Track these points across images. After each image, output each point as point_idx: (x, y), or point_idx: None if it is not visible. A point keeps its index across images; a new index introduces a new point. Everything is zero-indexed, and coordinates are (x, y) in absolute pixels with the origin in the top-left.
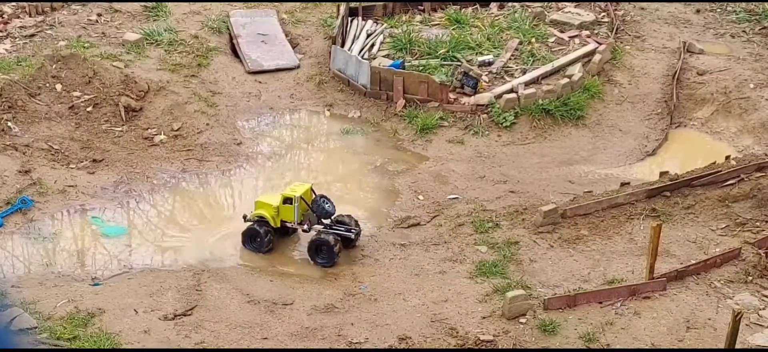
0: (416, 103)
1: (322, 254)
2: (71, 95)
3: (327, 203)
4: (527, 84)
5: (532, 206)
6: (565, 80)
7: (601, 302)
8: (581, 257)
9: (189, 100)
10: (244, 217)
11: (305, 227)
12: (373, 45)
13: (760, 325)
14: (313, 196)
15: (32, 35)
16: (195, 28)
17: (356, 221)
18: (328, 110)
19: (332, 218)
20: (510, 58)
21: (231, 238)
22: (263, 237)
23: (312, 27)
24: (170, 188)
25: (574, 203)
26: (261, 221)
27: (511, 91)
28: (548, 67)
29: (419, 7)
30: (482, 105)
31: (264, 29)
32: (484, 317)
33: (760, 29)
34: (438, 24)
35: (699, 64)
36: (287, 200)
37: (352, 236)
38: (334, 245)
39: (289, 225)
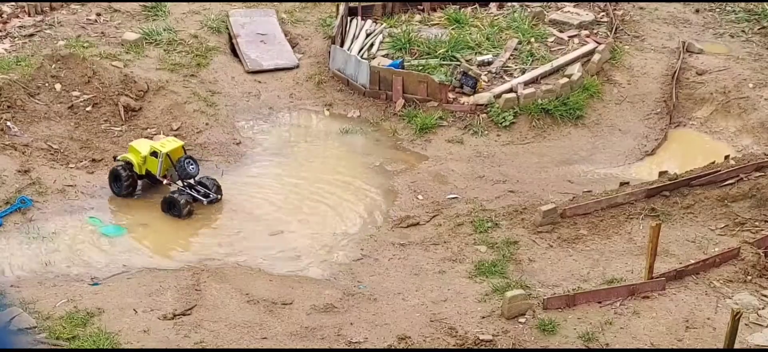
0: (415, 103)
1: (173, 210)
2: (70, 95)
3: (191, 166)
4: (526, 84)
5: (532, 206)
6: (565, 80)
7: (600, 302)
8: (580, 256)
9: (188, 99)
10: (115, 157)
11: (166, 181)
12: (372, 45)
13: (760, 324)
14: (183, 155)
15: (31, 35)
16: (194, 28)
17: (218, 187)
18: (328, 110)
19: (195, 179)
20: (509, 58)
21: (231, 236)
22: (124, 181)
23: (311, 27)
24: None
25: (574, 202)
26: (128, 165)
27: (511, 90)
28: (547, 67)
29: (418, 6)
30: (481, 105)
31: (263, 29)
32: (483, 317)
33: (759, 29)
34: (437, 24)
35: (698, 64)
36: (154, 153)
37: (204, 201)
38: (184, 205)
39: (153, 176)
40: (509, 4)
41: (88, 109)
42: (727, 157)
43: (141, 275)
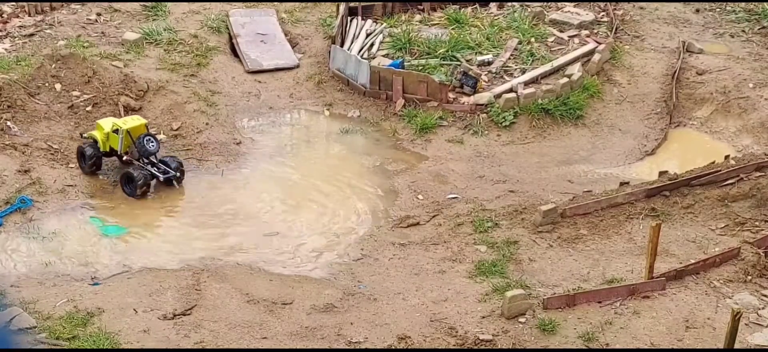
0: (416, 103)
1: (129, 185)
2: (71, 95)
3: (150, 143)
4: (526, 84)
5: (532, 206)
6: (565, 80)
7: (600, 302)
8: (580, 256)
9: (188, 99)
10: (81, 135)
11: (125, 158)
12: (372, 44)
13: (760, 324)
14: (145, 133)
15: (31, 35)
16: (194, 28)
17: (180, 167)
18: (328, 110)
19: (156, 157)
20: (509, 58)
21: (231, 236)
22: (88, 158)
23: (311, 26)
24: (170, 187)
25: (574, 202)
26: (94, 142)
27: (511, 90)
28: (547, 67)
29: (419, 6)
30: (481, 105)
31: (263, 29)
32: (483, 317)
33: (759, 29)
34: (437, 24)
35: (698, 64)
36: (116, 130)
37: (160, 178)
38: (139, 180)
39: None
40: (509, 4)
41: (88, 109)
42: (727, 157)
43: (141, 274)
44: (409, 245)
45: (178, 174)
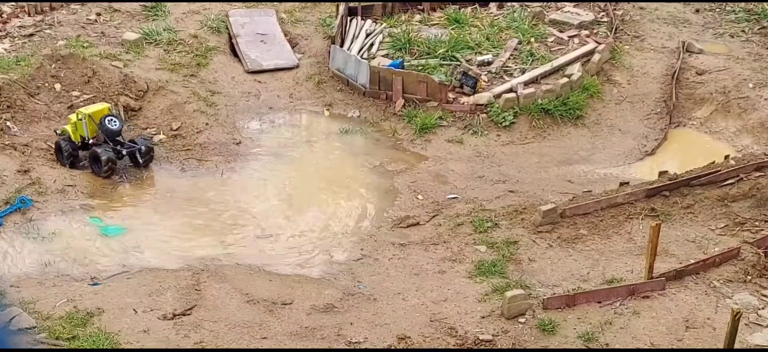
0: (415, 103)
1: (96, 165)
2: (70, 95)
3: (112, 123)
4: (526, 84)
5: (532, 206)
6: (564, 80)
7: (600, 302)
8: (580, 256)
9: (188, 99)
10: (55, 131)
11: (92, 142)
12: (372, 44)
13: (759, 324)
14: (107, 114)
15: (31, 35)
16: (194, 28)
17: (149, 148)
18: (328, 110)
19: (123, 136)
20: (509, 58)
21: (231, 236)
22: (64, 152)
23: (311, 26)
24: (169, 187)
25: (573, 202)
26: (68, 136)
27: (510, 90)
28: (547, 67)
29: (418, 6)
30: (481, 105)
31: (263, 29)
32: (483, 317)
33: (759, 29)
34: (437, 24)
35: (698, 64)
36: (80, 118)
37: (123, 154)
38: (105, 162)
39: (87, 141)
40: (509, 4)
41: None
42: (727, 157)
43: (141, 275)
44: (409, 245)
45: (142, 148)
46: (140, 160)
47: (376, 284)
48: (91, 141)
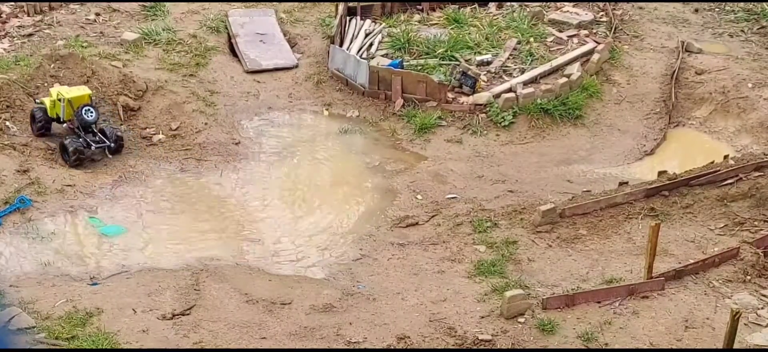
0: (415, 103)
1: (65, 154)
2: None
3: (89, 114)
4: (526, 83)
5: (531, 206)
6: (564, 80)
7: (599, 302)
8: (580, 256)
9: (187, 99)
10: (34, 99)
11: (66, 125)
12: (371, 44)
13: (759, 324)
14: (87, 103)
15: (30, 35)
16: (193, 28)
17: (118, 138)
18: (327, 110)
19: (96, 126)
20: (508, 58)
21: (230, 236)
22: (37, 122)
23: (310, 26)
24: (169, 187)
25: (573, 202)
26: (44, 108)
27: (510, 90)
28: (547, 67)
29: (418, 6)
30: (481, 104)
31: (262, 29)
32: (482, 317)
33: (758, 29)
34: (436, 23)
35: (697, 64)
36: (60, 99)
37: (93, 147)
38: (72, 152)
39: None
40: (508, 3)
41: None
42: (726, 156)
43: (140, 274)
44: (408, 245)
45: (111, 145)
46: (109, 156)
47: (376, 284)
48: (65, 123)
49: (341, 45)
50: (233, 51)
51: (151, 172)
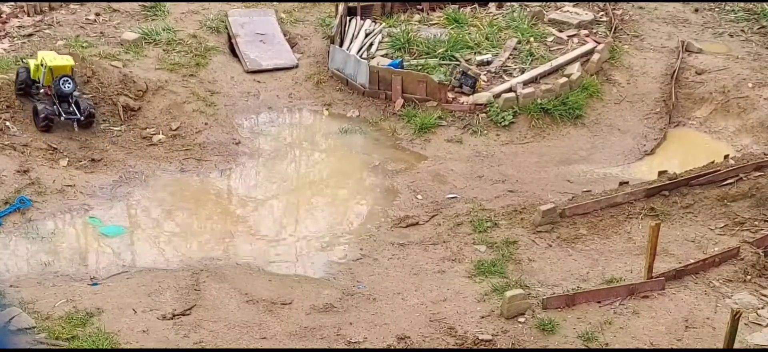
0: (415, 103)
1: (35, 118)
2: None
3: (66, 84)
4: (526, 83)
5: (531, 206)
6: (564, 79)
7: (599, 302)
8: (580, 256)
9: (187, 99)
10: (21, 60)
11: (43, 90)
12: (371, 44)
13: (759, 324)
14: (67, 74)
15: (30, 35)
16: (193, 28)
17: (89, 113)
18: (327, 110)
19: (73, 97)
20: (508, 58)
21: (231, 236)
22: (20, 83)
23: (310, 26)
24: (169, 187)
25: (573, 202)
26: (28, 69)
27: (510, 90)
28: (547, 67)
29: (418, 6)
30: (481, 104)
31: (262, 29)
32: (482, 317)
33: (758, 28)
34: (436, 23)
35: (697, 64)
36: (43, 64)
37: (62, 117)
38: (42, 118)
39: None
40: (508, 3)
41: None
42: (726, 156)
43: (140, 275)
44: (409, 244)
45: (81, 118)
46: (76, 128)
47: (376, 284)
48: (43, 88)
49: (341, 45)
50: (233, 51)
51: (152, 172)
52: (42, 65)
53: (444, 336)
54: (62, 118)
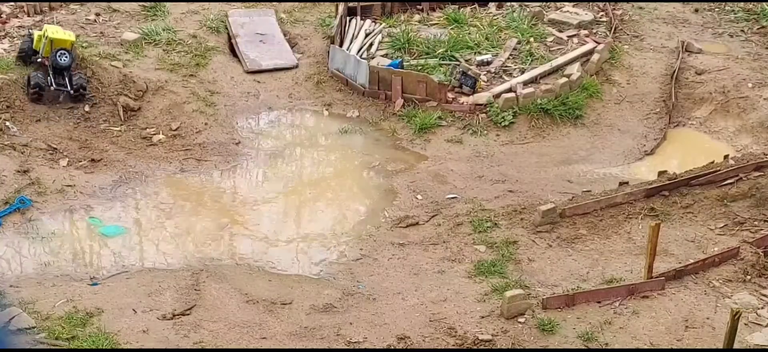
0: (415, 103)
1: (28, 85)
2: None
3: (62, 57)
4: (526, 83)
5: (531, 206)
6: (564, 80)
7: (599, 302)
8: (580, 256)
9: (187, 99)
10: (29, 31)
11: (40, 60)
12: (371, 44)
13: (759, 324)
14: (62, 47)
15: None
16: (193, 28)
17: (82, 86)
18: (327, 110)
19: (69, 71)
20: (508, 58)
21: (231, 236)
22: (21, 51)
23: (310, 26)
24: (169, 187)
25: (573, 202)
26: (32, 40)
27: (510, 90)
28: (547, 67)
29: (418, 6)
30: (481, 104)
31: (262, 29)
32: (482, 317)
33: (758, 28)
34: (436, 23)
35: (697, 64)
36: (46, 36)
37: (51, 87)
38: (33, 86)
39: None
40: (508, 3)
41: (87, 109)
42: (726, 156)
43: (140, 275)
44: (408, 245)
45: (70, 91)
46: (61, 99)
47: (376, 284)
48: (40, 58)
49: (341, 45)
50: (233, 51)
51: (151, 172)
52: (44, 37)
53: (444, 336)
54: (52, 88)
